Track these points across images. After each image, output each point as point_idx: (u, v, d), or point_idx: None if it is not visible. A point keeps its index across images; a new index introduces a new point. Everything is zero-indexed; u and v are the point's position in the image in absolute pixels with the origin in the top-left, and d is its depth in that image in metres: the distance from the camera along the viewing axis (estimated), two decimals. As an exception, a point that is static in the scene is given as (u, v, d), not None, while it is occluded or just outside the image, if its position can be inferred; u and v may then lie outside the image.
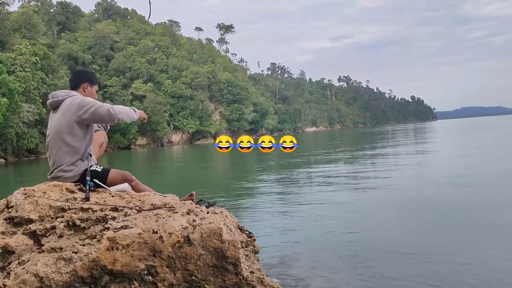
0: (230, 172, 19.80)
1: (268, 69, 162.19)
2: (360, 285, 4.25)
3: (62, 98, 3.57)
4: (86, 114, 3.42)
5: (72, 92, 3.62)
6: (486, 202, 8.12)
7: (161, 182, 15.76)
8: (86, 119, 3.45)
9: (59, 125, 3.49)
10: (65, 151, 3.44)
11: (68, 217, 2.96)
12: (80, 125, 3.46)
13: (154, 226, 2.81)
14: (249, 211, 8.64)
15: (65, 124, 3.46)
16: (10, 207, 3.10)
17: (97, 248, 2.67)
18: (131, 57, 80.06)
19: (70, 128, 3.45)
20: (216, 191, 12.07)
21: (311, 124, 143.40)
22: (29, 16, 58.82)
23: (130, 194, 3.44)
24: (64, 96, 3.58)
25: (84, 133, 3.50)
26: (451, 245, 5.45)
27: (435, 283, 4.18)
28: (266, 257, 4.90)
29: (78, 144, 3.47)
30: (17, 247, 2.82)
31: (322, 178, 13.63)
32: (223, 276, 2.84)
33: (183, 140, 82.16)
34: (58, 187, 3.31)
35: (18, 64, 48.19)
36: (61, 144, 3.46)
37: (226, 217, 3.19)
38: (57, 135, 3.48)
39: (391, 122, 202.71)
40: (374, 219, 7.33)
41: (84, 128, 3.51)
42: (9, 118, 43.51)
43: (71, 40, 78.44)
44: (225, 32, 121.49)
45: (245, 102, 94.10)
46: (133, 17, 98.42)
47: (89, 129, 3.56)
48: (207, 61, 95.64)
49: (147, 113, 18.27)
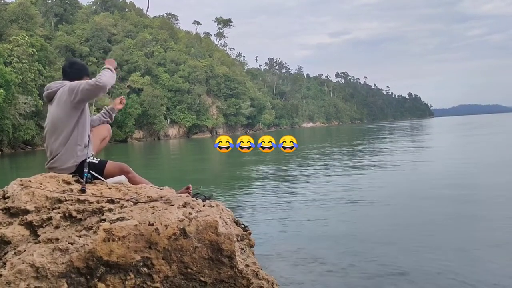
0: (227, 166, 19.82)
1: (266, 64, 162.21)
2: (355, 280, 4.28)
3: (55, 89, 3.58)
4: (77, 96, 3.42)
5: (65, 82, 3.62)
6: (487, 197, 8.19)
7: (158, 175, 15.76)
8: (79, 99, 3.44)
9: (55, 115, 3.50)
10: (61, 141, 3.45)
11: (65, 208, 2.97)
12: (75, 111, 3.46)
13: (150, 218, 2.83)
14: (245, 205, 8.67)
15: (60, 113, 3.48)
16: (7, 198, 3.10)
17: (93, 240, 2.68)
18: (128, 50, 79.77)
19: (65, 116, 3.46)
20: (213, 185, 12.09)
21: (308, 119, 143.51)
22: (27, 7, 58.43)
23: (126, 186, 3.44)
24: (58, 87, 3.59)
25: (78, 120, 3.50)
26: (452, 241, 5.49)
27: (436, 279, 4.21)
28: (261, 251, 4.93)
29: (74, 133, 3.47)
30: (13, 237, 2.82)
31: (319, 174, 13.67)
32: (218, 268, 2.85)
33: (179, 134, 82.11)
34: (54, 179, 3.31)
35: (15, 56, 48.01)
36: (57, 133, 3.47)
37: (222, 211, 3.20)
38: (53, 125, 3.50)
39: (388, 118, 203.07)
40: (371, 215, 7.37)
41: (79, 115, 3.50)
42: (5, 109, 43.39)
43: (69, 32, 78.05)
44: (223, 26, 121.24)
45: (243, 97, 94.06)
46: (131, 9, 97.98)
47: (83, 115, 3.53)
48: (205, 55, 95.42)
49: (144, 106, 18.32)
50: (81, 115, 3.51)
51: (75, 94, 3.42)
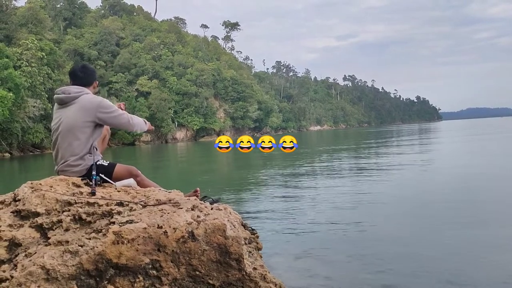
0: (234, 169, 19.84)
1: (273, 67, 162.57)
2: (364, 283, 4.27)
3: (76, 94, 3.57)
4: (106, 116, 3.54)
5: (85, 89, 3.64)
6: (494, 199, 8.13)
7: (166, 178, 15.82)
8: (105, 121, 3.58)
9: (74, 121, 3.50)
10: (75, 146, 3.49)
11: (74, 211, 3.00)
12: (95, 123, 3.54)
13: (159, 221, 2.85)
14: (253, 208, 8.68)
15: (80, 121, 3.49)
16: (18, 200, 3.14)
17: (103, 242, 2.70)
18: (136, 54, 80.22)
19: (85, 125, 3.50)
20: (220, 188, 12.12)
21: (315, 123, 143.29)
22: (36, 11, 58.98)
23: (135, 189, 3.47)
24: (78, 93, 3.58)
25: (96, 130, 3.58)
26: (457, 243, 5.46)
27: (440, 281, 4.20)
28: (269, 254, 4.93)
29: (88, 140, 3.53)
30: (24, 239, 2.85)
31: (326, 176, 13.64)
32: (226, 271, 2.87)
33: (187, 137, 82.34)
34: (64, 181, 3.34)
35: (24, 59, 48.43)
36: (71, 139, 3.49)
37: (230, 214, 3.22)
38: (69, 130, 3.50)
39: (396, 122, 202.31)
40: (378, 219, 7.34)
41: (98, 126, 3.60)
42: (15, 112, 43.75)
43: (77, 35, 78.65)
44: (230, 30, 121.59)
45: (250, 100, 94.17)
46: (139, 13, 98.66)
47: (101, 128, 3.67)
48: (212, 59, 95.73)
49: (151, 109, 18.47)
50: (98, 126, 3.61)
51: (104, 114, 3.54)
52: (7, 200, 3.21)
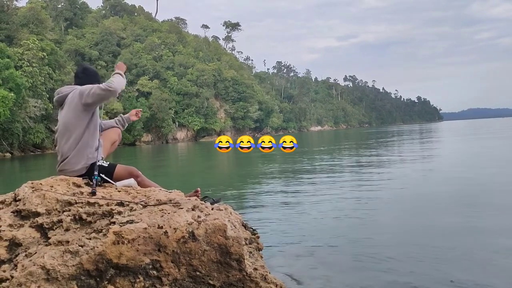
0: (235, 169, 19.83)
1: (274, 67, 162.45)
2: (363, 284, 4.26)
3: (66, 93, 3.68)
4: (88, 98, 3.51)
5: (76, 86, 3.70)
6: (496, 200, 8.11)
7: (166, 178, 15.81)
8: (90, 103, 3.53)
9: (66, 117, 3.58)
10: (72, 143, 3.52)
11: (75, 211, 3.00)
12: (85, 114, 3.54)
13: (159, 221, 2.84)
14: (254, 209, 8.67)
15: (71, 116, 3.55)
16: (18, 200, 3.14)
17: (103, 242, 2.70)
18: (137, 54, 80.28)
19: (76, 119, 3.53)
20: (221, 188, 12.11)
21: (316, 123, 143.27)
22: (37, 12, 59.04)
23: (135, 190, 3.47)
24: (68, 91, 3.69)
25: (89, 123, 3.57)
26: (459, 244, 5.45)
27: (441, 281, 4.18)
28: (269, 254, 4.93)
29: (84, 136, 3.54)
30: (24, 239, 2.85)
31: (327, 177, 13.63)
32: (227, 272, 2.86)
33: (187, 137, 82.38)
34: (65, 181, 3.35)
35: (26, 59, 48.48)
36: (68, 136, 3.54)
37: (230, 214, 3.22)
38: (64, 127, 3.58)
39: (396, 122, 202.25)
40: (379, 219, 7.33)
41: (89, 118, 3.58)
42: (16, 113, 43.79)
43: (78, 36, 78.70)
44: (231, 30, 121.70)
45: (250, 100, 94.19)
46: (140, 13, 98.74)
47: (93, 118, 3.61)
48: (213, 59, 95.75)
49: (152, 110, 18.44)
50: (92, 118, 3.58)
51: (86, 97, 3.50)
52: (7, 200, 3.21)
